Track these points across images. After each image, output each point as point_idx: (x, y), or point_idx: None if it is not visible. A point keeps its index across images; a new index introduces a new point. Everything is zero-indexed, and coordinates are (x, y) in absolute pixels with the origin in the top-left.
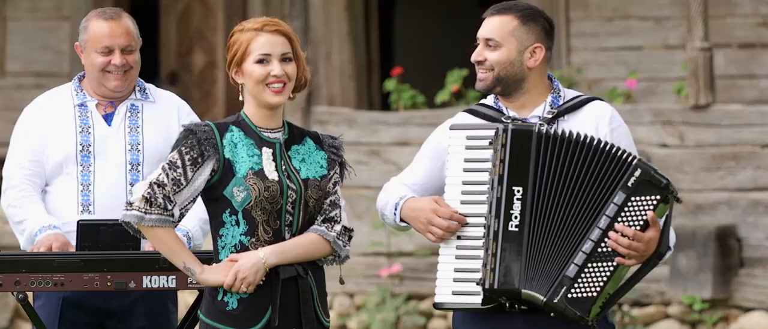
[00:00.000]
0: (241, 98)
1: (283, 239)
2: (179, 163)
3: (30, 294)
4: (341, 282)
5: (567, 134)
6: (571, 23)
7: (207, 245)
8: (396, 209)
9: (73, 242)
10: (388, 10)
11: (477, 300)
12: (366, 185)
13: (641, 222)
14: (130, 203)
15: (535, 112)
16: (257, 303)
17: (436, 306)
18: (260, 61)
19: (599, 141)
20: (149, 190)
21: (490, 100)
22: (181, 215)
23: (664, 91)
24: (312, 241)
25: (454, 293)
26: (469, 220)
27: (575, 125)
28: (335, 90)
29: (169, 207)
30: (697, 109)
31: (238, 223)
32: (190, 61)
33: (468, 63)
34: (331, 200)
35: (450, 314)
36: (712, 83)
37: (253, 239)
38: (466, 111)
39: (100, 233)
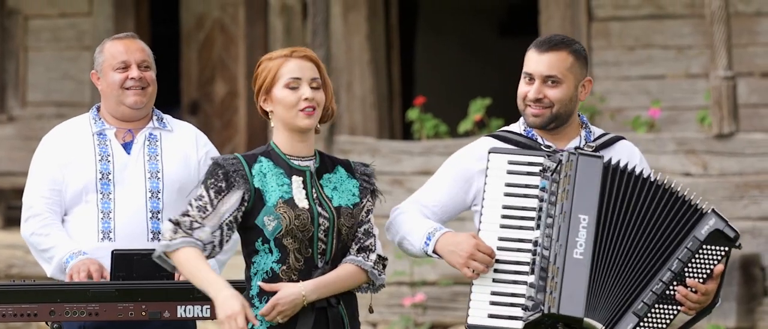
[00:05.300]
0: (271, 126)
1: (316, 267)
2: (204, 195)
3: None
4: (371, 310)
5: (635, 170)
6: (593, 52)
7: (239, 274)
8: (428, 240)
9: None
10: (409, 40)
11: (516, 325)
12: (388, 215)
13: (708, 271)
14: (160, 239)
15: (571, 144)
16: None
17: (470, 328)
18: (290, 86)
19: (670, 182)
20: (176, 219)
21: (517, 127)
22: (213, 246)
23: (686, 120)
24: (350, 274)
25: (490, 316)
26: (510, 245)
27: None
28: (357, 119)
29: (195, 228)
30: (720, 138)
31: (270, 251)
32: (212, 91)
33: (488, 92)
34: (365, 229)
35: None
36: (736, 112)
37: (284, 267)
38: (490, 136)
39: (134, 263)
